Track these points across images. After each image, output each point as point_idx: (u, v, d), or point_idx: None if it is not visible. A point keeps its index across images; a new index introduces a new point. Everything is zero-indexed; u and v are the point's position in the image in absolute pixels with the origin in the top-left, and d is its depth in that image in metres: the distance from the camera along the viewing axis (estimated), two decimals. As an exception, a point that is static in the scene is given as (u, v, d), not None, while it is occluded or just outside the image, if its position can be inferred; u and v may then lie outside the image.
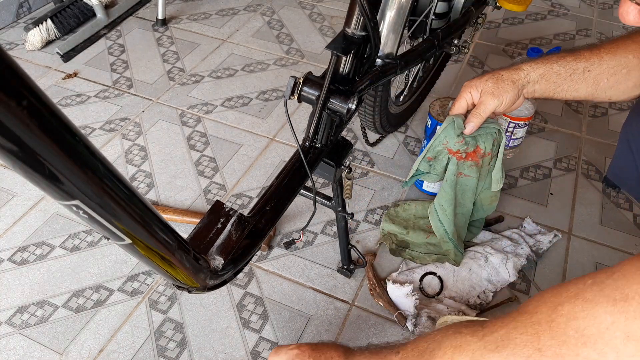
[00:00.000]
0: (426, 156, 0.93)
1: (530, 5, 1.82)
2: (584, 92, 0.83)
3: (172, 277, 0.56)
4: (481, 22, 1.21)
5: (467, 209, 1.00)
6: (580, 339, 0.38)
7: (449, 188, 0.94)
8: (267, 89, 1.46)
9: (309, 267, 1.02)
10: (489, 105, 0.84)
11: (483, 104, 0.85)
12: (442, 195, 0.96)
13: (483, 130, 0.89)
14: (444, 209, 0.96)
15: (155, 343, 0.91)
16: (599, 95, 0.83)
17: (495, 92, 0.83)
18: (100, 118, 1.35)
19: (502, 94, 0.83)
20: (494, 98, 0.83)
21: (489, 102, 0.84)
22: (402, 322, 0.93)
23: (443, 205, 0.96)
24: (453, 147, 0.89)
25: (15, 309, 0.95)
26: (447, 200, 0.96)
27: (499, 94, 0.83)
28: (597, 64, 0.80)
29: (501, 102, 0.83)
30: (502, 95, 0.83)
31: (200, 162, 1.24)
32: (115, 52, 1.59)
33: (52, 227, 1.08)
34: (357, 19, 0.72)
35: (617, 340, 0.36)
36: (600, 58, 0.80)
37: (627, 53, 0.79)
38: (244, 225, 0.64)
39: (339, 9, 1.82)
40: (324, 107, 0.73)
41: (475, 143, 0.90)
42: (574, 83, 0.82)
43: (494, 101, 0.83)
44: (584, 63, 0.81)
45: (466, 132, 0.87)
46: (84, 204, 0.40)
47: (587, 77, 0.81)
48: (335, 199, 0.88)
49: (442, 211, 0.97)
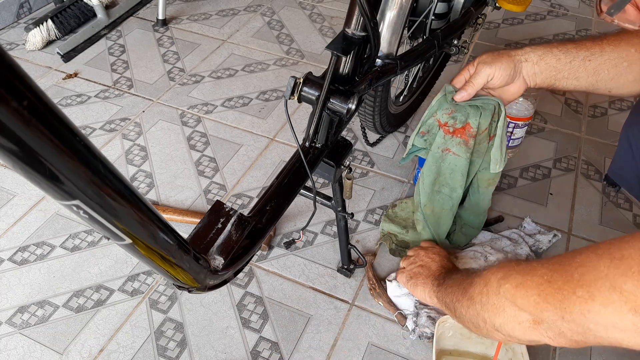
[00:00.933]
0: (420, 130, 0.92)
1: (530, 6, 1.82)
2: (584, 82, 0.82)
3: (172, 277, 0.56)
4: (481, 23, 1.21)
5: (457, 193, 0.96)
6: (580, 281, 0.48)
7: (431, 159, 0.93)
8: (267, 89, 1.46)
9: (309, 267, 1.03)
10: (481, 74, 0.84)
11: (476, 73, 0.85)
12: (425, 165, 0.95)
13: (478, 103, 0.88)
14: (423, 178, 0.96)
15: (156, 343, 0.91)
16: (600, 87, 0.82)
17: (489, 62, 0.84)
18: (100, 118, 1.35)
19: (495, 63, 0.83)
20: (487, 66, 0.84)
21: (482, 70, 0.84)
22: (402, 322, 0.93)
23: (423, 174, 0.96)
24: (441, 118, 0.89)
25: (15, 309, 0.95)
26: (427, 170, 0.95)
27: (493, 63, 0.83)
28: (598, 54, 0.80)
29: (493, 71, 0.83)
30: (496, 65, 0.83)
31: (201, 162, 1.24)
32: (115, 53, 1.59)
33: (52, 227, 1.08)
34: (357, 19, 0.72)
35: (604, 288, 0.46)
36: (602, 49, 0.80)
37: (629, 46, 0.79)
38: (244, 225, 0.64)
39: (339, 9, 1.82)
40: (324, 107, 0.73)
41: (465, 120, 0.88)
42: (574, 71, 0.81)
43: (486, 69, 0.83)
44: (585, 52, 0.81)
45: (456, 99, 0.87)
46: (84, 204, 0.40)
47: (588, 66, 0.81)
48: (335, 199, 0.88)
49: (421, 180, 0.96)
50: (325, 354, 0.90)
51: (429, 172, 0.95)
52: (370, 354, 0.90)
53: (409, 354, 0.90)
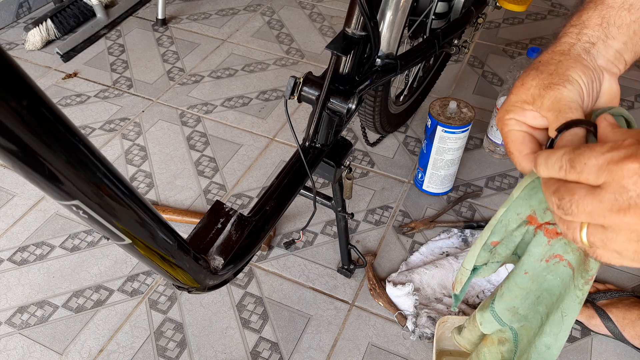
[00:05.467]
0: (488, 241, 0.50)
1: (530, 5, 1.82)
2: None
3: (172, 277, 0.56)
4: (481, 22, 1.21)
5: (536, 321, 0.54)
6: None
7: (528, 282, 0.51)
8: (267, 89, 1.46)
9: (309, 267, 1.02)
10: (565, 102, 0.41)
11: (556, 106, 0.41)
12: (513, 292, 0.52)
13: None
14: (518, 313, 0.53)
15: (155, 343, 0.90)
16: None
17: (554, 81, 0.41)
18: (100, 118, 1.35)
19: (564, 73, 0.42)
20: (560, 87, 0.41)
21: (562, 95, 0.41)
22: (402, 322, 0.93)
23: (515, 307, 0.53)
24: (541, 216, 0.48)
25: (15, 309, 0.95)
26: (521, 297, 0.52)
27: (561, 76, 0.41)
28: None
29: (576, 85, 0.41)
30: (567, 74, 0.41)
31: (200, 162, 1.24)
32: (115, 52, 1.59)
33: (52, 227, 1.08)
34: (357, 18, 0.72)
35: None
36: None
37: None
38: (244, 225, 0.63)
39: (339, 9, 1.82)
40: (324, 107, 0.73)
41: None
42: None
43: (562, 91, 0.41)
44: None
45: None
46: (83, 204, 0.40)
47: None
48: (335, 199, 0.88)
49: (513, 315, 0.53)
50: (325, 354, 0.90)
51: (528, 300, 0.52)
52: (370, 354, 0.90)
53: (409, 354, 0.90)
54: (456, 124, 1.03)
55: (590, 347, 0.92)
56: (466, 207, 1.15)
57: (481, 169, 1.24)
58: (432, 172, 1.12)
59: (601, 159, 0.32)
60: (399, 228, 1.10)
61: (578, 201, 0.33)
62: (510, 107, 0.44)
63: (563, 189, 0.35)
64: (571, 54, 0.43)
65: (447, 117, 1.04)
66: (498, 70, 1.55)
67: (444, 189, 1.15)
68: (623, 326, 0.89)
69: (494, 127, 1.22)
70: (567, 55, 0.43)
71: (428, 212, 1.14)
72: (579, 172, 0.33)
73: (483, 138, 1.30)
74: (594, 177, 0.32)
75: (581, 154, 0.33)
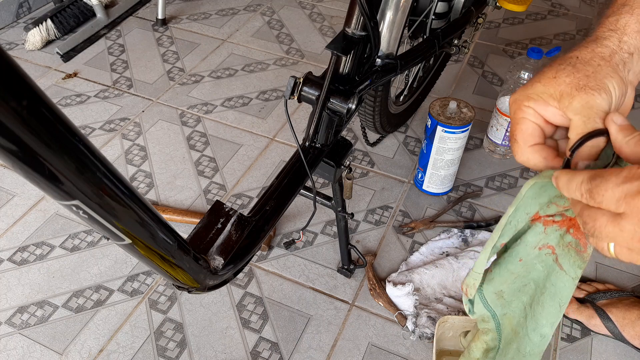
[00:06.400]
0: (498, 243, 0.48)
1: (530, 5, 1.82)
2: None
3: (172, 277, 0.56)
4: (481, 22, 1.21)
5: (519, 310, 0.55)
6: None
7: (521, 268, 0.51)
8: (267, 89, 1.46)
9: (309, 267, 1.02)
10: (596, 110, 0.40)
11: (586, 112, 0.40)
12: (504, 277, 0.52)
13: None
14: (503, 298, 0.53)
15: (155, 343, 0.91)
16: None
17: (590, 84, 0.40)
18: (100, 118, 1.35)
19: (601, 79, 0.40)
20: (594, 93, 0.40)
21: (594, 102, 0.40)
22: (402, 322, 0.93)
23: (502, 291, 0.52)
24: (544, 210, 0.48)
25: (15, 309, 0.95)
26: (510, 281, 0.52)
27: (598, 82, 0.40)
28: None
29: (610, 96, 0.40)
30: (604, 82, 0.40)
31: (200, 162, 1.24)
32: (115, 52, 1.59)
33: (52, 227, 1.08)
34: (357, 18, 0.72)
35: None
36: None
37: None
38: (244, 225, 0.63)
39: (339, 9, 1.82)
40: (324, 107, 0.73)
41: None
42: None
43: (596, 98, 0.40)
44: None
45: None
46: (83, 204, 0.40)
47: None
48: (335, 199, 0.88)
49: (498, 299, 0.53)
50: (325, 354, 0.90)
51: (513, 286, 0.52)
52: (370, 355, 0.90)
53: (409, 354, 0.90)
54: (456, 124, 1.03)
55: (590, 347, 0.92)
56: (466, 207, 1.15)
57: (481, 169, 1.24)
58: (432, 172, 1.12)
59: (617, 191, 0.34)
60: (399, 228, 1.10)
61: (600, 228, 0.36)
62: (533, 96, 0.42)
63: (586, 213, 0.37)
64: (611, 63, 0.42)
65: (447, 117, 1.04)
66: (498, 70, 1.55)
67: (444, 189, 1.15)
68: (623, 326, 0.89)
69: (494, 127, 1.22)
70: (608, 62, 0.42)
71: (428, 212, 1.14)
72: (599, 203, 0.35)
73: (483, 138, 1.30)
74: (614, 207, 0.34)
75: (598, 186, 0.35)
